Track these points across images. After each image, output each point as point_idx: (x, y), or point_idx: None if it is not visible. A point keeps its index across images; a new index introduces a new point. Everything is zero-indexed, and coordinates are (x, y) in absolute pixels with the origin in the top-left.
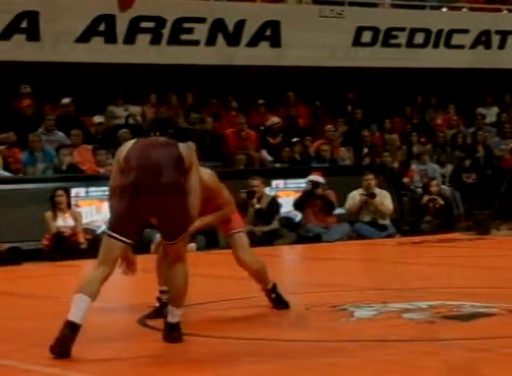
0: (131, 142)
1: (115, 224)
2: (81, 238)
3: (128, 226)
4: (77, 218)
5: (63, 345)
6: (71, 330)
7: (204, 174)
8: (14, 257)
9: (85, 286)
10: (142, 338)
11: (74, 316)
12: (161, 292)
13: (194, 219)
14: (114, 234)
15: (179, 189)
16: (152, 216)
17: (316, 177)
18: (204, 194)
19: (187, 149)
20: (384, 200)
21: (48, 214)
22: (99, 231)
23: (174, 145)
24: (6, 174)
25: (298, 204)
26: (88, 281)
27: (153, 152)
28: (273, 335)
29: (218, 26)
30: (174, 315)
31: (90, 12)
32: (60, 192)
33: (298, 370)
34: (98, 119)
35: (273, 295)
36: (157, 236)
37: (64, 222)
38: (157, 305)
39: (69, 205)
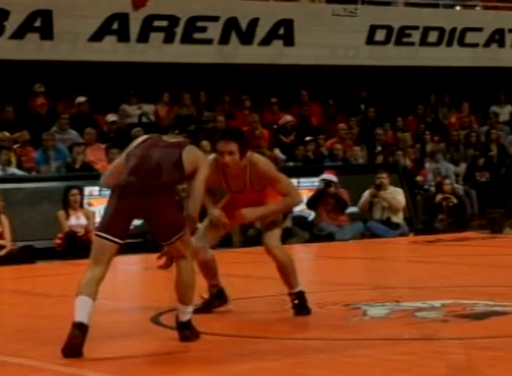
0: (140, 139)
1: (104, 224)
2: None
3: (117, 226)
4: (89, 216)
5: (75, 348)
6: (80, 330)
7: (258, 160)
8: (27, 255)
9: (84, 288)
10: (155, 336)
11: (80, 317)
12: (212, 286)
13: (195, 220)
14: (104, 234)
15: (167, 190)
16: (140, 217)
17: (329, 176)
18: (261, 181)
19: (193, 151)
20: (397, 195)
21: (61, 213)
22: None
23: (179, 147)
24: (19, 172)
25: (311, 204)
26: (85, 284)
27: (153, 153)
28: (285, 333)
29: (232, 24)
30: (184, 313)
31: (103, 10)
32: (75, 191)
33: (310, 368)
34: (111, 118)
35: (296, 301)
36: None
37: (77, 220)
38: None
39: (81, 204)
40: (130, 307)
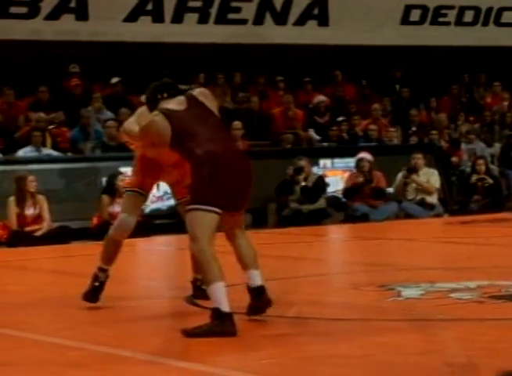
0: (161, 118)
1: (217, 198)
2: None
3: (233, 198)
4: None
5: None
6: (233, 320)
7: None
8: (63, 235)
9: (218, 272)
10: (190, 316)
11: (228, 306)
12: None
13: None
14: (214, 208)
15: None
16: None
17: (366, 154)
18: None
19: (200, 92)
20: (431, 177)
21: (105, 197)
22: (147, 210)
23: (203, 104)
24: (55, 153)
25: (347, 194)
26: (217, 268)
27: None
28: (320, 314)
29: (266, 5)
30: (260, 277)
31: None
32: (122, 177)
33: (345, 348)
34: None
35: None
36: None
37: (119, 207)
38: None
39: None
40: (165, 287)
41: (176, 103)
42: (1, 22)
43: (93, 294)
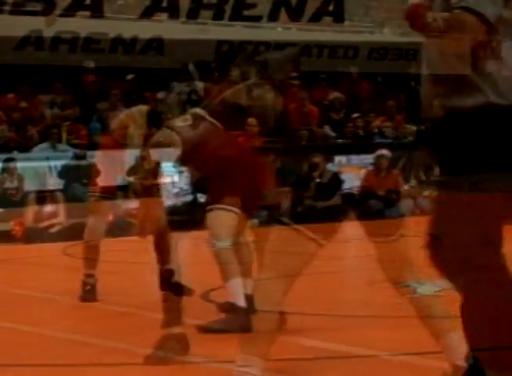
0: (169, 133)
1: (236, 198)
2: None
3: (247, 199)
4: None
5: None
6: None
7: None
8: (77, 232)
9: (237, 269)
10: (205, 312)
11: (243, 302)
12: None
13: None
14: (236, 209)
15: None
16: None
17: (385, 151)
18: None
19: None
20: None
21: (118, 194)
22: None
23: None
24: (69, 149)
25: (365, 196)
26: (235, 264)
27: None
28: (335, 311)
29: (281, 1)
30: (251, 286)
31: None
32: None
33: (359, 344)
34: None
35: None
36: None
37: (134, 203)
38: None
39: None
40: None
41: (182, 120)
42: (16, 18)
43: (89, 295)
